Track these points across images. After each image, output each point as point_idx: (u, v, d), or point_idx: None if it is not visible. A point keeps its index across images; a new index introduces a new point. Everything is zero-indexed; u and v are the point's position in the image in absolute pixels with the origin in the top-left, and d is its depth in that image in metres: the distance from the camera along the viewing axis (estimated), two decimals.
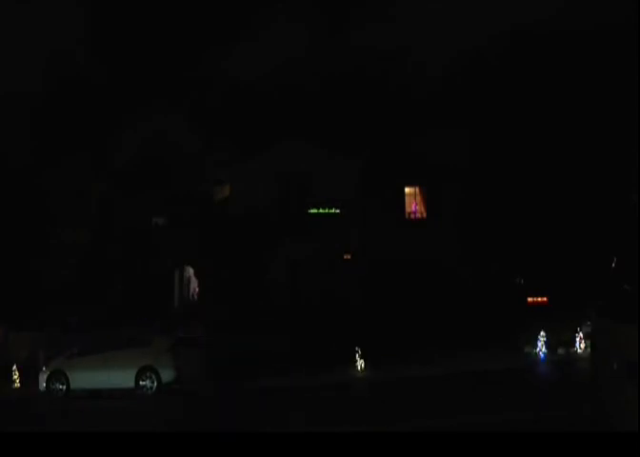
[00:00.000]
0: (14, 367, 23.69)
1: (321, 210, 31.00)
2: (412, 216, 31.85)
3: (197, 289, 31.61)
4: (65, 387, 21.25)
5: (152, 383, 20.55)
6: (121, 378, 20.69)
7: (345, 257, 30.80)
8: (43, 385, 21.58)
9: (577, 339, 22.02)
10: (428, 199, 31.68)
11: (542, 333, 22.45)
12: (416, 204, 31.84)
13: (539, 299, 25.39)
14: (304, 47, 32.80)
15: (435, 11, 31.69)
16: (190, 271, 32.48)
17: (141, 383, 20.62)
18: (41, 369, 22.60)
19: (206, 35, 34.02)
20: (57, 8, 32.70)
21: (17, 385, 23.51)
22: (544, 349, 22.36)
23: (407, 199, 31.85)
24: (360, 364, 22.27)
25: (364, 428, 11.09)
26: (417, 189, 31.89)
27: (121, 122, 32.28)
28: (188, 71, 33.98)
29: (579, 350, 21.89)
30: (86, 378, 21.04)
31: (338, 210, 30.60)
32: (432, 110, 31.10)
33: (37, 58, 32.19)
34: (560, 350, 22.44)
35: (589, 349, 19.15)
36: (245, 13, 34.79)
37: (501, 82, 30.19)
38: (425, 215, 31.76)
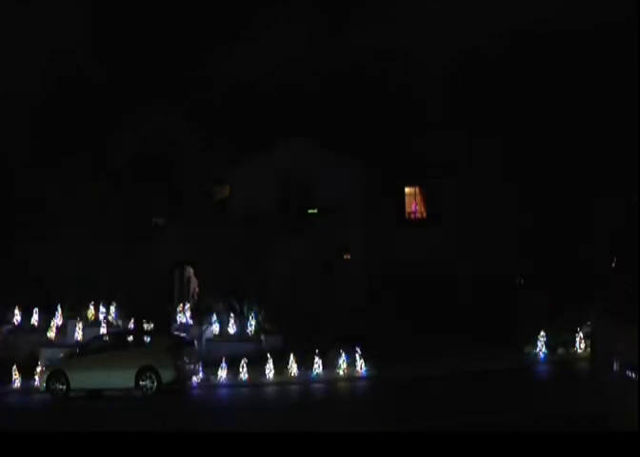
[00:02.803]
0: (14, 367, 23.67)
1: (321, 210, 30.99)
2: (412, 216, 31.86)
3: (197, 289, 31.55)
4: (65, 387, 21.23)
5: (152, 383, 20.55)
6: (121, 378, 20.68)
7: (345, 257, 30.81)
8: (43, 385, 21.58)
9: (577, 339, 22.04)
10: (428, 199, 31.68)
11: (542, 333, 22.46)
12: (416, 204, 31.84)
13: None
14: (304, 47, 32.76)
15: (435, 11, 31.67)
16: (190, 271, 32.46)
17: (141, 383, 20.61)
18: (41, 369, 22.60)
19: (206, 35, 33.99)
20: (57, 8, 32.62)
21: (17, 384, 23.48)
22: (544, 349, 22.36)
23: (407, 199, 31.85)
24: (360, 364, 22.28)
25: (364, 428, 11.07)
26: (417, 189, 31.89)
27: (121, 122, 32.24)
28: (188, 71, 33.95)
29: (579, 350, 21.91)
30: (86, 378, 21.03)
31: (338, 210, 30.57)
32: (432, 110, 31.08)
33: (37, 58, 32.14)
34: (560, 350, 22.44)
35: (589, 349, 19.21)
36: (245, 13, 34.77)
37: (501, 82, 30.17)
38: (425, 215, 31.75)
